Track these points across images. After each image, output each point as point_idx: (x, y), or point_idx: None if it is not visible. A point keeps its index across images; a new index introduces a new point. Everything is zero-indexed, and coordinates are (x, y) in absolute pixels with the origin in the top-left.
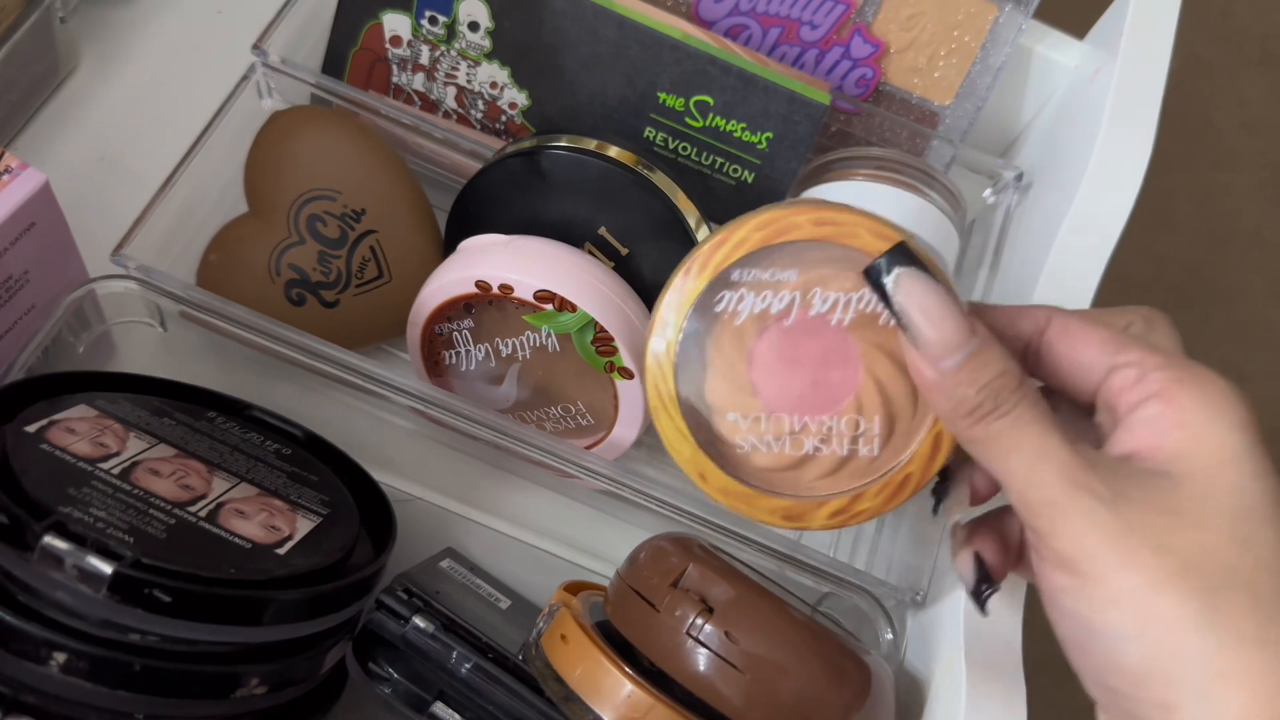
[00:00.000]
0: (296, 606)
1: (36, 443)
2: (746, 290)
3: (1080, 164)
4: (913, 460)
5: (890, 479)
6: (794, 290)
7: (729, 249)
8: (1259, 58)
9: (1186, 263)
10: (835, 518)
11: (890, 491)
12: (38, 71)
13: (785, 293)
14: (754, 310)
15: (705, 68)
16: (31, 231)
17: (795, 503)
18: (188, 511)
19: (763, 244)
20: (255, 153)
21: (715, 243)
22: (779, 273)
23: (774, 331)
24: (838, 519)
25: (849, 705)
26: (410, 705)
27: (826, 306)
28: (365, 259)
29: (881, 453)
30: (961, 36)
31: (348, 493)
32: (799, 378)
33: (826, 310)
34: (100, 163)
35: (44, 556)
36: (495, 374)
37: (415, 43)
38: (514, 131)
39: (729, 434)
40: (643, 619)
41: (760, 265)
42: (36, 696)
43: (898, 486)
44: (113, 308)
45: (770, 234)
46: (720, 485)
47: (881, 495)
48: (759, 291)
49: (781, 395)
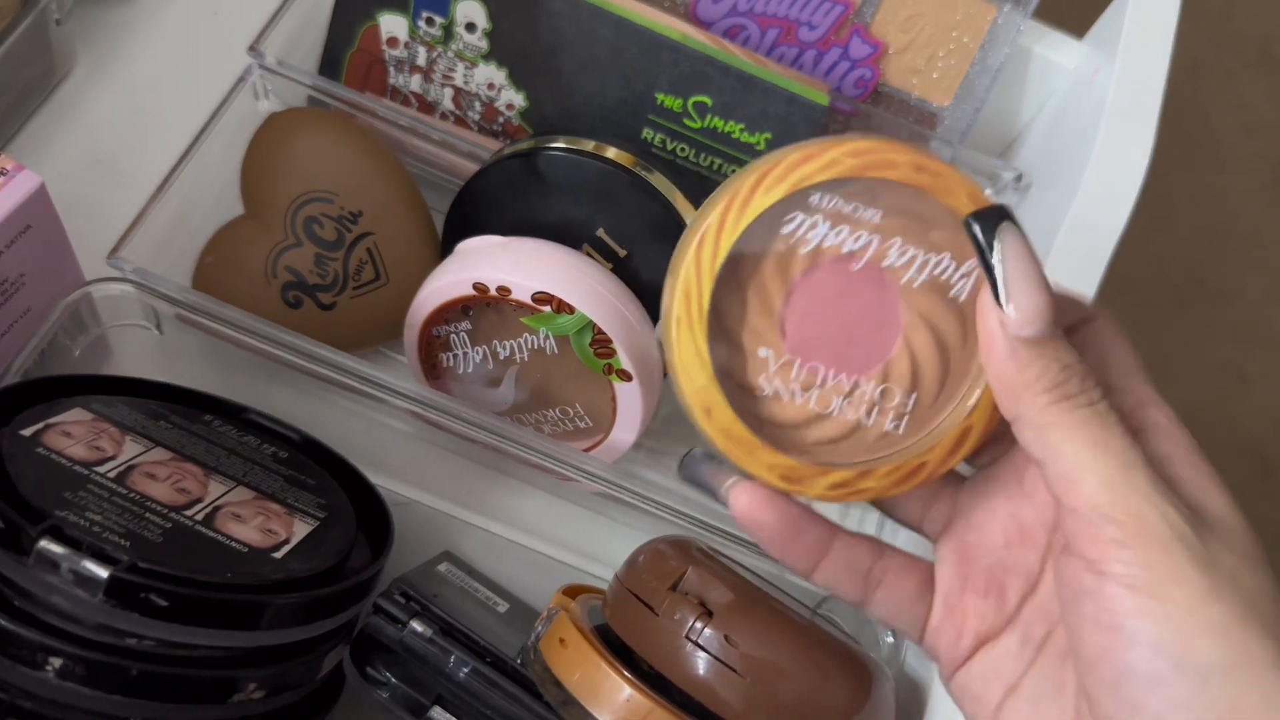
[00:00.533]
0: (293, 611)
1: (32, 446)
2: (823, 218)
3: (1080, 165)
4: (934, 449)
5: (905, 462)
6: (874, 233)
7: (816, 166)
8: (1258, 59)
9: (1186, 264)
10: (836, 490)
11: (901, 475)
12: (33, 74)
13: (863, 233)
14: (824, 242)
15: (703, 68)
16: (27, 234)
17: (799, 464)
18: (184, 515)
19: (852, 173)
20: (251, 155)
21: (802, 155)
22: (862, 209)
23: (827, 272)
24: (838, 492)
25: (849, 709)
26: (408, 710)
27: (903, 261)
28: (362, 261)
29: (905, 429)
30: (960, 37)
31: (345, 496)
32: (836, 329)
33: (901, 264)
34: (96, 165)
35: (40, 561)
36: (493, 376)
37: (412, 44)
38: (511, 133)
39: (754, 371)
40: (642, 623)
41: (843, 194)
42: (33, 701)
43: (910, 472)
44: (109, 311)
45: (864, 164)
46: (724, 425)
47: (891, 477)
48: (836, 223)
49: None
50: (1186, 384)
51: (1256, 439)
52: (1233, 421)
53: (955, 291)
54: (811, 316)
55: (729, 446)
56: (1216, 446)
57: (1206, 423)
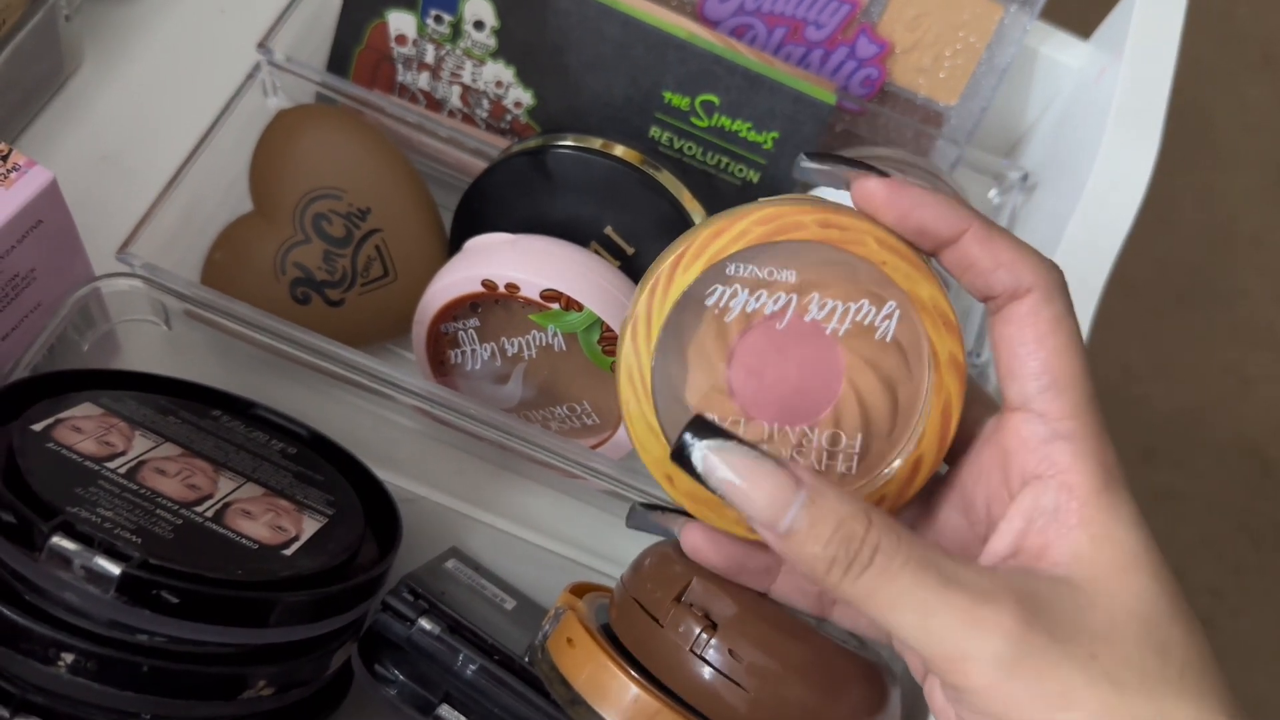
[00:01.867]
0: (303, 608)
1: (43, 441)
2: (741, 286)
3: (1086, 165)
4: (890, 482)
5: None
6: (791, 292)
7: (727, 240)
8: (1260, 60)
9: (1188, 265)
10: None
11: None
12: (42, 70)
13: (781, 294)
14: (746, 308)
15: (710, 67)
16: (38, 229)
17: None
18: (194, 512)
19: (763, 239)
20: (260, 151)
21: (713, 231)
22: (777, 271)
23: (760, 332)
24: None
25: (856, 717)
26: (416, 707)
27: (823, 314)
28: (370, 258)
29: (857, 471)
30: (967, 37)
31: (353, 493)
32: (781, 383)
33: (822, 317)
34: (104, 161)
35: (52, 557)
36: (501, 373)
37: (420, 41)
38: (519, 131)
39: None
40: (646, 633)
41: (757, 261)
42: (44, 696)
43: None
44: (118, 306)
45: (772, 230)
46: (687, 490)
47: None
48: (754, 289)
49: (759, 399)
50: (1188, 385)
51: (1258, 440)
52: (1234, 422)
53: (880, 334)
54: (755, 375)
55: (697, 508)
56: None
57: (1208, 423)
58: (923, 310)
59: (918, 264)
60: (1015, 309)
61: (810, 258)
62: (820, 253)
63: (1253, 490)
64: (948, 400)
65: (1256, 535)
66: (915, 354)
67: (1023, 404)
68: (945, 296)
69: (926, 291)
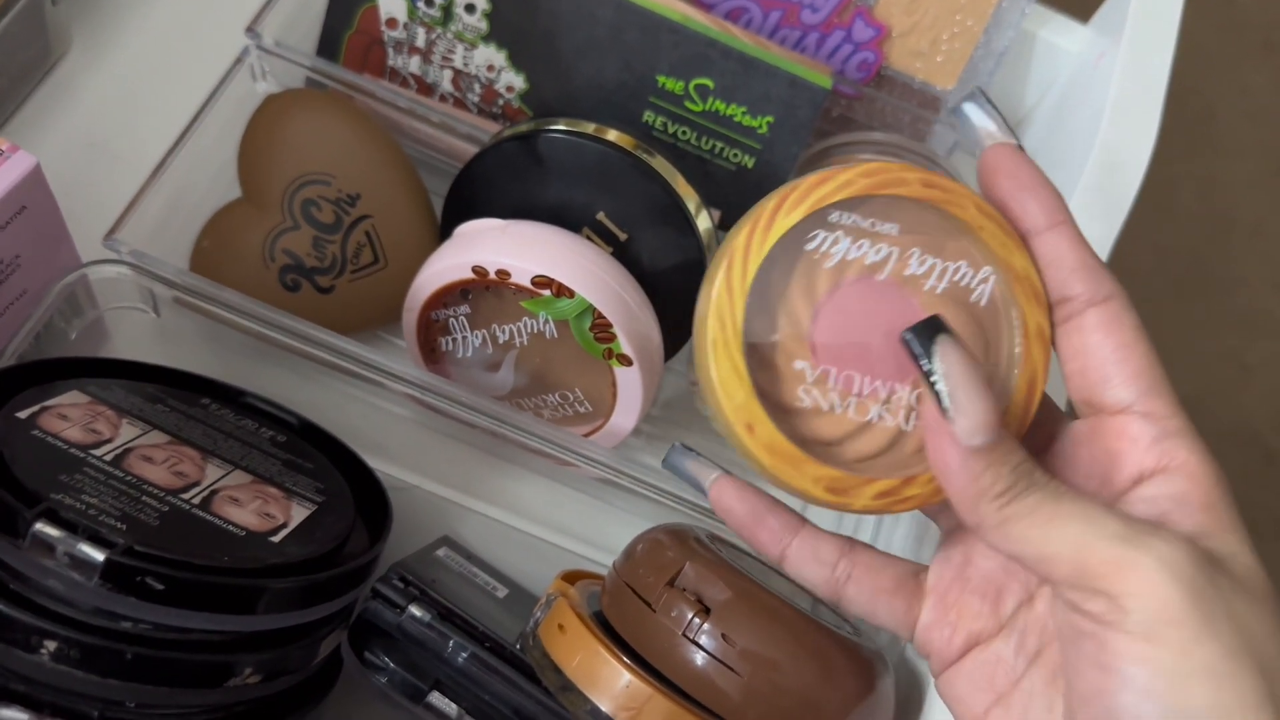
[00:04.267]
0: (291, 595)
1: (28, 429)
2: (844, 234)
3: (1084, 150)
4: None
5: None
6: (893, 245)
7: (833, 187)
8: (1261, 47)
9: (1188, 252)
10: (880, 499)
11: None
12: (29, 55)
13: (884, 245)
14: (848, 256)
15: (705, 51)
16: (23, 215)
17: (844, 475)
18: (181, 499)
19: (866, 191)
20: (249, 137)
21: (818, 178)
22: (879, 224)
23: (850, 286)
24: (882, 501)
25: (848, 702)
26: (406, 695)
27: (923, 269)
28: (360, 244)
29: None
30: (964, 20)
31: (343, 480)
32: (869, 337)
33: (922, 273)
34: (92, 147)
35: (35, 544)
36: (492, 360)
37: (411, 25)
38: (511, 115)
39: (791, 384)
40: (638, 618)
41: (860, 212)
42: (27, 685)
43: None
44: (105, 293)
45: (876, 183)
46: (768, 440)
47: (933, 484)
48: (856, 238)
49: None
50: (1188, 373)
51: (1258, 428)
52: (1235, 411)
53: (975, 297)
54: (840, 330)
55: (774, 462)
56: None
57: (1208, 412)
58: (1015, 279)
59: (1012, 234)
60: (1096, 315)
61: (911, 214)
62: (920, 211)
63: (1254, 480)
64: (1034, 373)
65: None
66: (1005, 322)
67: (1125, 406)
68: (1037, 269)
69: (1020, 261)
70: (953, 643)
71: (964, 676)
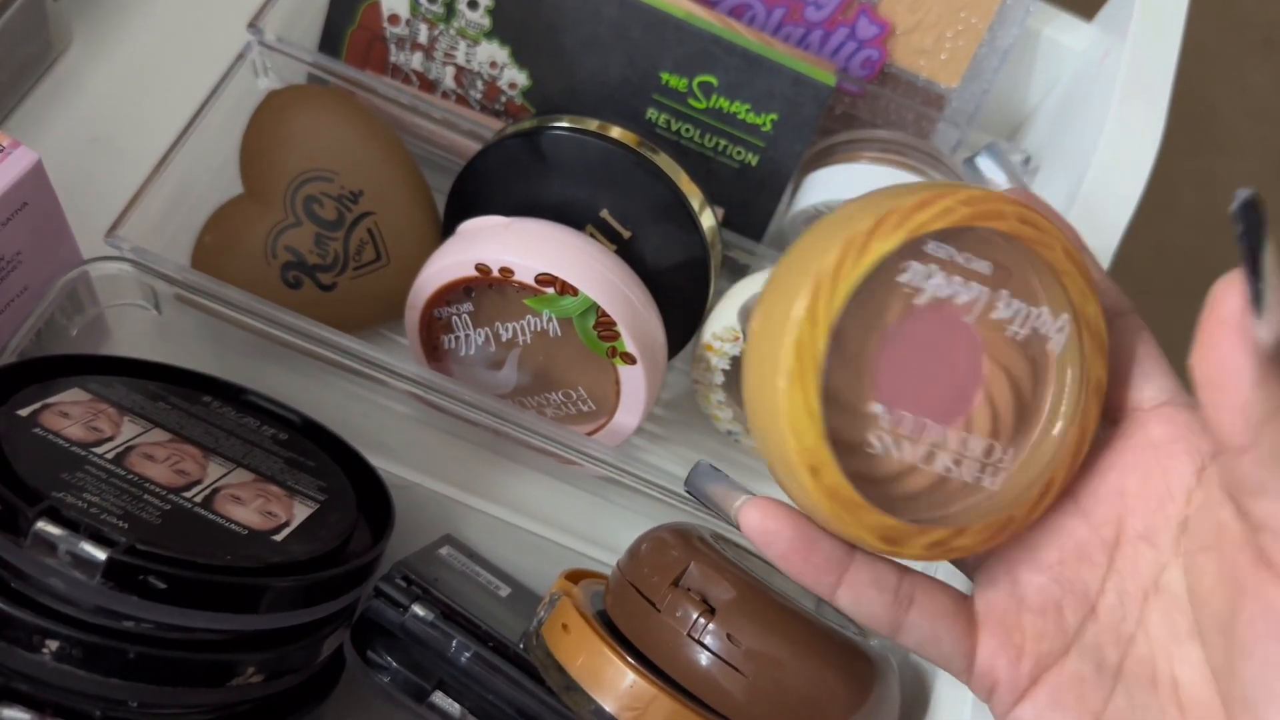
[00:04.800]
0: (293, 594)
1: (29, 427)
2: (938, 267)
3: (1089, 148)
4: (1019, 502)
5: (995, 518)
6: (984, 285)
7: (932, 214)
8: (1263, 45)
9: (1189, 251)
10: (933, 549)
11: (992, 530)
12: (30, 50)
13: (975, 285)
14: (939, 293)
15: (709, 48)
16: (24, 212)
17: (899, 524)
18: (183, 497)
19: (964, 222)
20: (251, 133)
21: (918, 202)
22: (973, 260)
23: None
24: (934, 551)
25: (853, 702)
26: (409, 694)
27: (1009, 314)
28: (363, 241)
29: (992, 483)
30: (968, 18)
31: (345, 479)
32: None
33: (1007, 317)
34: (93, 143)
35: (37, 542)
36: (495, 359)
37: (414, 21)
38: (513, 112)
39: (863, 427)
40: (642, 618)
41: (955, 243)
42: (29, 684)
43: (1000, 526)
44: (107, 290)
45: (975, 213)
46: (832, 485)
47: (983, 533)
48: (950, 273)
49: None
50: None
51: None
52: None
53: (1052, 345)
54: (903, 367)
55: (834, 507)
56: None
57: None
58: (1088, 331)
59: (1092, 282)
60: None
61: (1000, 251)
62: (1009, 248)
63: None
64: (1086, 428)
65: None
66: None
67: (1166, 400)
68: (1104, 320)
69: (1093, 311)
70: (1021, 669)
71: (1042, 706)
